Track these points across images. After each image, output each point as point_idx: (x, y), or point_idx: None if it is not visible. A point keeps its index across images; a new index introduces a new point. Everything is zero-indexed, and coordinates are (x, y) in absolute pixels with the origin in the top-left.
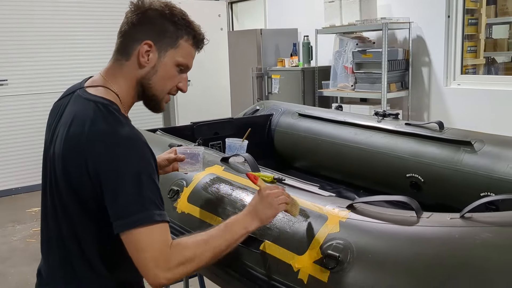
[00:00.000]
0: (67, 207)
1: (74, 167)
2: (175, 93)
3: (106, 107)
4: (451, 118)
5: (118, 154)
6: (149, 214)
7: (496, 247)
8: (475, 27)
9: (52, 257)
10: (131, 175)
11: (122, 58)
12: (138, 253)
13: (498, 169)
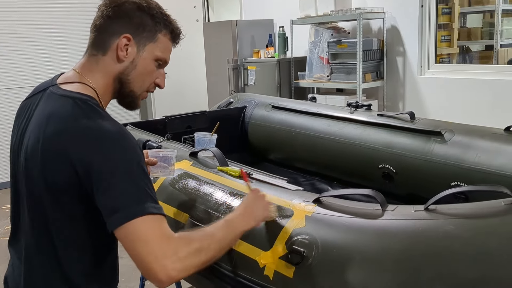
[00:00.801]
0: (46, 215)
1: (56, 169)
2: (153, 90)
3: (85, 102)
4: (426, 107)
5: (107, 149)
6: (147, 206)
7: (459, 239)
8: (448, 16)
9: (25, 267)
10: (123, 169)
11: (98, 53)
12: (141, 246)
13: (467, 158)
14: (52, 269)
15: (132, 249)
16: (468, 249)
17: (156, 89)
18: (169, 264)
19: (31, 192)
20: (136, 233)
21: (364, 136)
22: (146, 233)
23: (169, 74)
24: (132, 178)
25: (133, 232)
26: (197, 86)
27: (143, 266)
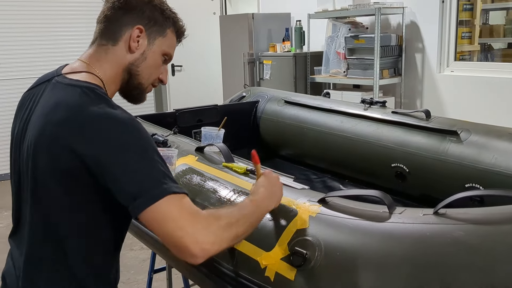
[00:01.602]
0: (52, 205)
1: (65, 158)
2: (157, 85)
3: (93, 90)
4: (444, 105)
5: (119, 136)
6: (169, 186)
7: (467, 246)
8: (470, 13)
9: (27, 259)
10: (139, 154)
11: (107, 43)
12: (171, 225)
13: (483, 159)
14: (56, 260)
15: (162, 230)
16: (477, 257)
17: (173, 81)
18: (201, 238)
19: (36, 182)
20: (163, 213)
21: (377, 133)
22: (173, 211)
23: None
24: (149, 161)
25: (160, 212)
26: (212, 79)
27: (176, 244)
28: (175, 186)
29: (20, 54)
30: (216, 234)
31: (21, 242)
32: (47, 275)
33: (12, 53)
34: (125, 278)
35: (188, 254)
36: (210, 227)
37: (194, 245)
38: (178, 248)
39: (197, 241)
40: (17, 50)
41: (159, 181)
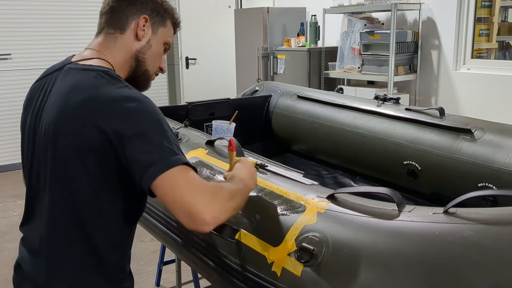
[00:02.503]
0: (74, 186)
1: (86, 137)
2: (158, 74)
3: (107, 73)
4: (459, 103)
5: (135, 113)
6: (179, 158)
7: (476, 246)
8: (488, 10)
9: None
10: (154, 128)
11: (115, 32)
12: (183, 191)
13: (497, 159)
14: (78, 237)
15: (174, 196)
16: (486, 257)
17: (186, 75)
18: (211, 206)
19: (58, 163)
20: (176, 180)
21: (390, 130)
22: (185, 180)
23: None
24: (164, 134)
25: (173, 179)
26: (226, 73)
27: (187, 211)
28: (186, 159)
29: (32, 45)
30: (222, 203)
31: (37, 228)
32: (69, 253)
33: (23, 45)
34: (134, 269)
35: (200, 221)
36: (217, 196)
37: (205, 212)
38: (189, 215)
39: (208, 208)
40: (29, 41)
41: (173, 151)
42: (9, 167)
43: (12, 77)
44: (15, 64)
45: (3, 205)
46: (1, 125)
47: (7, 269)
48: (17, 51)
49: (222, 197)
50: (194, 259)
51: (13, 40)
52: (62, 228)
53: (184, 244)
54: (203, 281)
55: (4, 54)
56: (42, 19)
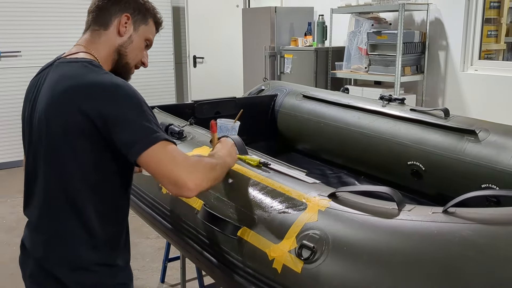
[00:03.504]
0: (65, 167)
1: (72, 121)
2: (139, 67)
3: (90, 63)
4: (466, 104)
5: (117, 97)
6: (160, 135)
7: (474, 245)
8: (497, 11)
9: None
10: (136, 108)
11: (100, 28)
12: (168, 162)
13: (501, 160)
14: (72, 218)
15: (159, 167)
16: (484, 256)
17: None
18: (194, 175)
19: (51, 147)
20: (160, 153)
21: (394, 131)
22: (168, 154)
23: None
24: (143, 115)
25: (157, 153)
26: (233, 72)
27: (172, 179)
28: (167, 136)
29: (41, 43)
30: (203, 172)
31: (35, 209)
32: (63, 230)
33: (33, 42)
34: (140, 266)
35: (185, 188)
36: (198, 167)
37: (189, 180)
38: (175, 184)
39: (191, 177)
40: (38, 39)
41: (153, 130)
42: (18, 164)
43: (22, 74)
44: (25, 61)
45: (11, 201)
46: (10, 122)
47: (15, 264)
48: (27, 49)
49: (203, 167)
50: (197, 256)
51: (23, 38)
52: (56, 208)
53: (187, 241)
54: (208, 278)
55: (13, 51)
56: (51, 17)
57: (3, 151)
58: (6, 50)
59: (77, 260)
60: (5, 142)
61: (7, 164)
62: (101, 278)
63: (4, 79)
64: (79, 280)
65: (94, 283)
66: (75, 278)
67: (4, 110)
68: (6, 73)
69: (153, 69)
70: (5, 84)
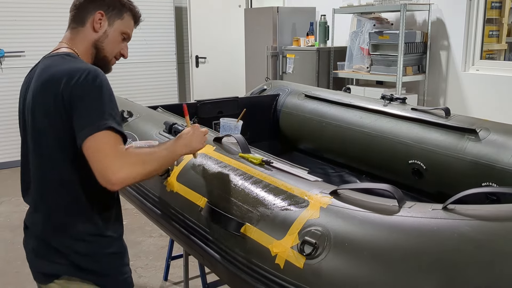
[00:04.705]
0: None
1: (53, 104)
2: (119, 58)
3: (69, 54)
4: (468, 104)
5: (81, 81)
6: (107, 123)
7: (473, 242)
8: (498, 11)
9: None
10: (94, 94)
11: (78, 26)
12: (99, 155)
13: (501, 159)
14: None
15: (94, 156)
16: (482, 252)
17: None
18: (120, 172)
19: (37, 131)
20: (97, 144)
21: (396, 130)
22: (104, 144)
23: (208, 59)
24: (99, 101)
25: (95, 143)
26: (235, 72)
27: (100, 171)
28: (115, 124)
29: (44, 43)
30: (131, 169)
31: (31, 192)
32: (55, 206)
33: (36, 42)
34: (143, 264)
35: (109, 182)
36: (128, 163)
37: (113, 175)
38: (102, 176)
39: (117, 173)
40: (41, 39)
41: (102, 117)
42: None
43: (25, 74)
44: (28, 61)
45: (16, 199)
46: (14, 121)
47: (19, 262)
48: (30, 49)
49: (133, 164)
50: (201, 252)
51: (27, 38)
52: (47, 188)
53: (191, 238)
54: (210, 276)
55: (17, 52)
56: (54, 17)
57: (7, 150)
58: (10, 50)
59: (72, 232)
60: (9, 141)
61: (11, 163)
62: (96, 247)
63: (8, 79)
64: (76, 249)
65: (89, 251)
66: (73, 248)
67: (8, 109)
68: (10, 73)
69: (156, 69)
70: (9, 84)
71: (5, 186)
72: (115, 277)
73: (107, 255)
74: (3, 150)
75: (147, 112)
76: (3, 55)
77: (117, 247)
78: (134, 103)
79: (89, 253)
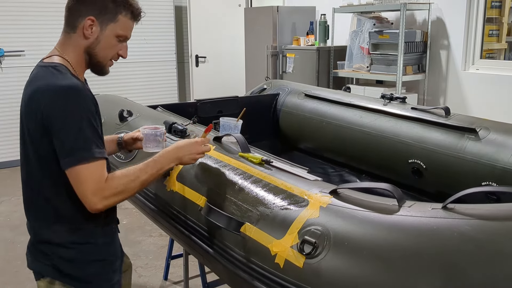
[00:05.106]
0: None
1: (36, 120)
2: (117, 59)
3: (54, 67)
4: (468, 104)
5: (61, 102)
6: (89, 153)
7: (473, 241)
8: (498, 10)
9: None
10: (72, 120)
11: (70, 31)
12: (80, 185)
13: (501, 158)
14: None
15: (74, 186)
16: (482, 251)
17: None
18: (97, 202)
19: (24, 146)
20: (77, 176)
21: (396, 129)
22: (84, 176)
23: (208, 59)
24: (79, 128)
25: (75, 174)
26: (235, 71)
27: (81, 200)
28: (97, 152)
29: (44, 42)
30: (108, 200)
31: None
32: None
33: (36, 42)
34: (143, 263)
35: (88, 207)
36: (106, 197)
37: (91, 205)
38: (84, 202)
39: (94, 204)
40: (41, 38)
41: (84, 147)
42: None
43: (25, 73)
44: (28, 60)
45: (16, 199)
46: (13, 121)
47: (19, 262)
48: (30, 48)
49: (112, 195)
50: (201, 252)
51: (26, 37)
52: (32, 198)
53: (191, 237)
54: (210, 275)
55: (17, 51)
56: (54, 17)
57: (7, 149)
58: (9, 50)
59: (56, 240)
60: (9, 140)
61: (11, 163)
62: (79, 254)
63: (8, 78)
64: (59, 255)
65: (72, 258)
66: (57, 253)
67: (7, 109)
68: (10, 72)
69: (156, 68)
70: (8, 83)
71: (5, 185)
72: (99, 284)
73: (90, 262)
74: (2, 149)
75: (147, 111)
76: (3, 54)
77: (105, 254)
78: (133, 102)
79: (73, 259)
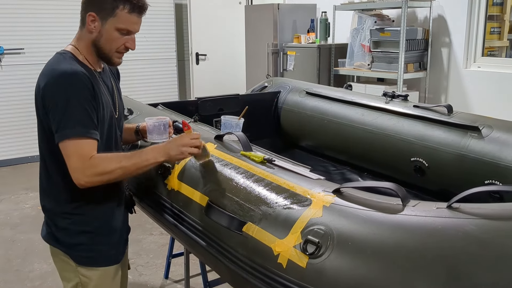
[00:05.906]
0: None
1: (39, 99)
2: (124, 51)
3: (62, 54)
4: (469, 101)
5: (54, 84)
6: (72, 131)
7: (478, 241)
8: (500, 8)
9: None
10: (60, 100)
11: (81, 26)
12: (67, 160)
13: (505, 156)
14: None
15: (66, 158)
16: (487, 251)
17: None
18: (80, 178)
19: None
20: (64, 150)
21: (398, 127)
22: (70, 151)
23: (208, 57)
24: (67, 108)
25: (63, 149)
26: (236, 69)
27: (71, 171)
28: (83, 131)
29: (43, 40)
30: (91, 179)
31: None
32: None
33: (35, 40)
34: (144, 262)
35: (77, 183)
36: (89, 175)
37: (76, 179)
38: (72, 176)
39: (78, 179)
40: (40, 36)
41: (70, 125)
42: (22, 160)
43: (24, 71)
44: (28, 58)
45: (16, 197)
46: (14, 119)
47: (20, 260)
48: (30, 46)
49: (93, 173)
50: (202, 251)
51: (26, 35)
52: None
53: (192, 237)
54: (211, 274)
55: (17, 49)
56: (54, 15)
57: (7, 147)
58: (9, 48)
59: (53, 210)
60: (9, 138)
61: (11, 161)
62: (70, 224)
63: (8, 76)
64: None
65: (65, 226)
66: (53, 221)
67: (7, 107)
68: (10, 70)
69: (156, 66)
70: (8, 81)
71: (5, 184)
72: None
73: (80, 233)
74: (2, 147)
75: (148, 109)
76: (3, 52)
77: (95, 227)
78: (134, 100)
79: (65, 228)
